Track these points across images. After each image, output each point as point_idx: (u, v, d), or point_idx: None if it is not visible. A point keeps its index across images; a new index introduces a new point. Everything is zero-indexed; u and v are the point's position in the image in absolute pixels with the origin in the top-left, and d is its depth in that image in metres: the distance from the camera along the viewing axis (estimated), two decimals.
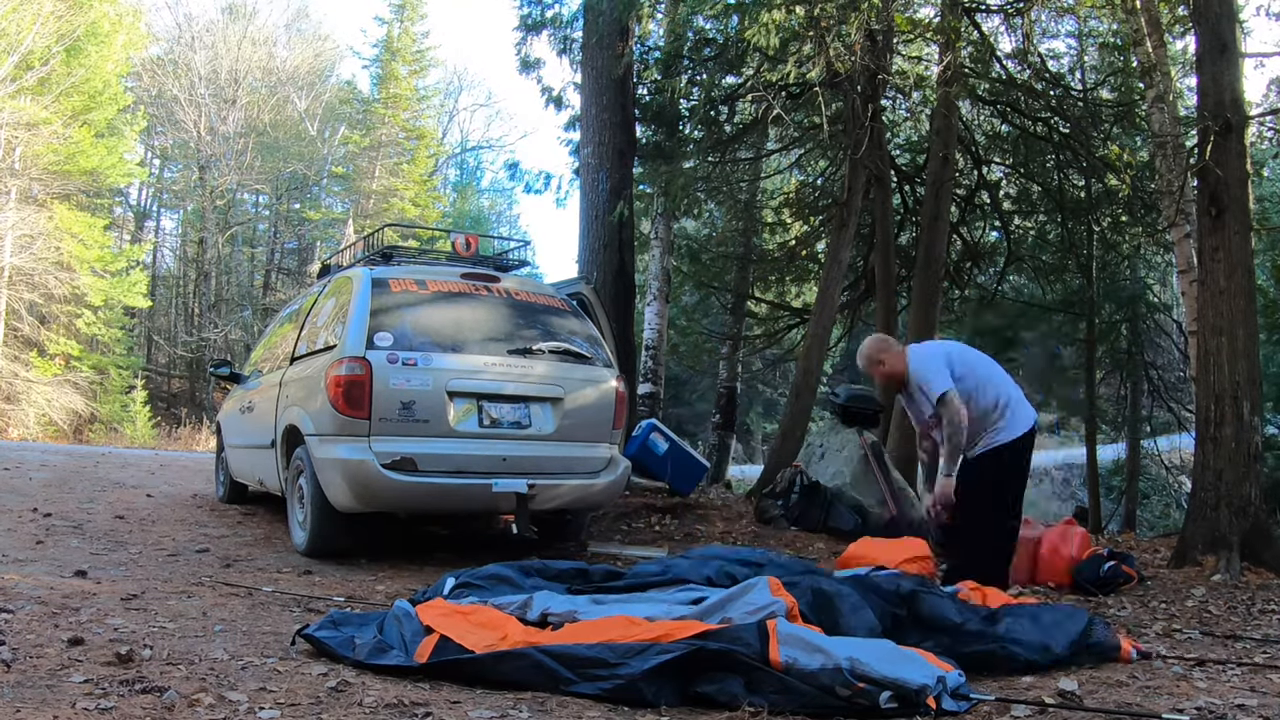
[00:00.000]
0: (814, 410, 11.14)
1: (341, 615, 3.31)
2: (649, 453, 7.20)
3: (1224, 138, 5.32)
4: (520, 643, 2.86)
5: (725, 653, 2.62)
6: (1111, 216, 11.19)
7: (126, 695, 2.40)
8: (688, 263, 13.44)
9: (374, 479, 4.65)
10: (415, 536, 6.00)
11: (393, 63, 28.14)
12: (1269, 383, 9.24)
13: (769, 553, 4.36)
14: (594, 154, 8.62)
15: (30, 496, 6.67)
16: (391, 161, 28.28)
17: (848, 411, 7.27)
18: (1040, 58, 10.11)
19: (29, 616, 3.18)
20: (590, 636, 2.87)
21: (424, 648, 2.88)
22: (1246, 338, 5.31)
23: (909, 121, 12.46)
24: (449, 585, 3.59)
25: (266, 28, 29.85)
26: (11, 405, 18.51)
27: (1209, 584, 4.84)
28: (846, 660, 2.54)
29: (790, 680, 2.54)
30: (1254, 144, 8.30)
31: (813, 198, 12.07)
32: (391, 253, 5.80)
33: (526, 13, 9.45)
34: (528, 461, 5.02)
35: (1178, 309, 12.16)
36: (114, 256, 21.12)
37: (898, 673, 2.53)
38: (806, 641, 2.65)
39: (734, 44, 8.36)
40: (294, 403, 5.28)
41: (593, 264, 8.51)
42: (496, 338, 5.13)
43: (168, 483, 8.53)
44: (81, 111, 19.29)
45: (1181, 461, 14.19)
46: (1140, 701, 2.62)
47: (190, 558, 4.84)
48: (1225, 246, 5.33)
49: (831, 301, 8.87)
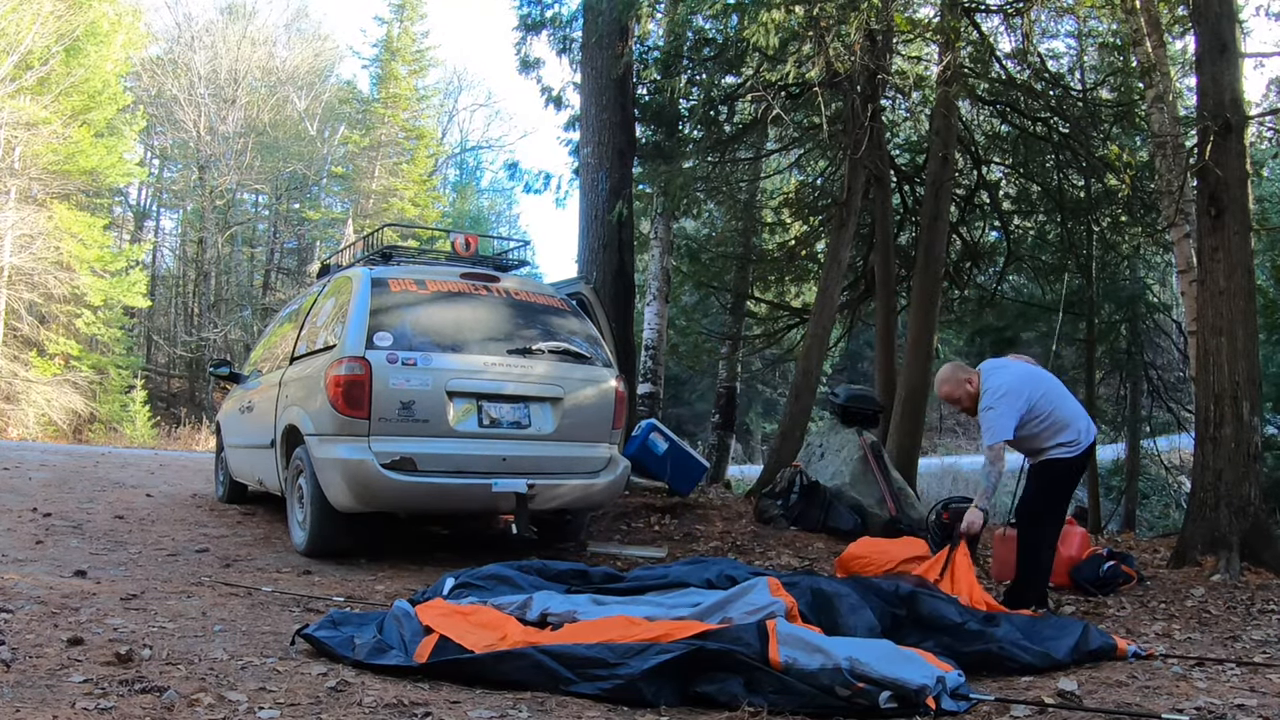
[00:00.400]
0: (814, 410, 11.14)
1: (341, 615, 3.31)
2: (648, 453, 7.19)
3: (1224, 138, 5.33)
4: (520, 643, 2.87)
5: (725, 653, 2.62)
6: (1111, 216, 11.18)
7: (126, 695, 2.40)
8: (687, 263, 13.43)
9: (374, 479, 4.65)
10: (415, 536, 6.00)
11: (392, 63, 28.13)
12: (1269, 383, 9.23)
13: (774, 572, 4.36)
14: (594, 154, 8.62)
15: (30, 496, 6.67)
16: (391, 161, 28.26)
17: (848, 411, 7.26)
18: (1040, 58, 10.10)
19: (29, 616, 3.18)
20: (590, 636, 2.88)
21: (423, 648, 2.88)
22: (1246, 338, 5.32)
23: (909, 121, 12.45)
24: (449, 585, 3.59)
25: (266, 28, 29.88)
26: (11, 405, 18.50)
27: (1209, 584, 4.84)
28: (846, 660, 2.54)
29: (790, 680, 2.54)
30: (1254, 144, 8.30)
31: (812, 198, 12.06)
32: (391, 253, 5.80)
33: (526, 13, 9.45)
34: (527, 461, 5.01)
35: (1177, 309, 12.16)
36: (114, 256, 21.12)
37: (897, 673, 2.53)
38: (806, 641, 2.65)
39: (733, 44, 8.36)
40: (294, 402, 5.28)
41: (592, 264, 8.51)
42: (496, 338, 5.13)
43: (167, 483, 8.53)
44: (81, 111, 19.28)
45: (1181, 461, 14.18)
46: (1140, 701, 2.62)
47: (190, 558, 4.84)
48: (1225, 246, 5.33)
49: (831, 301, 8.87)
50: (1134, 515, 13.03)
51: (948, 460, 25.38)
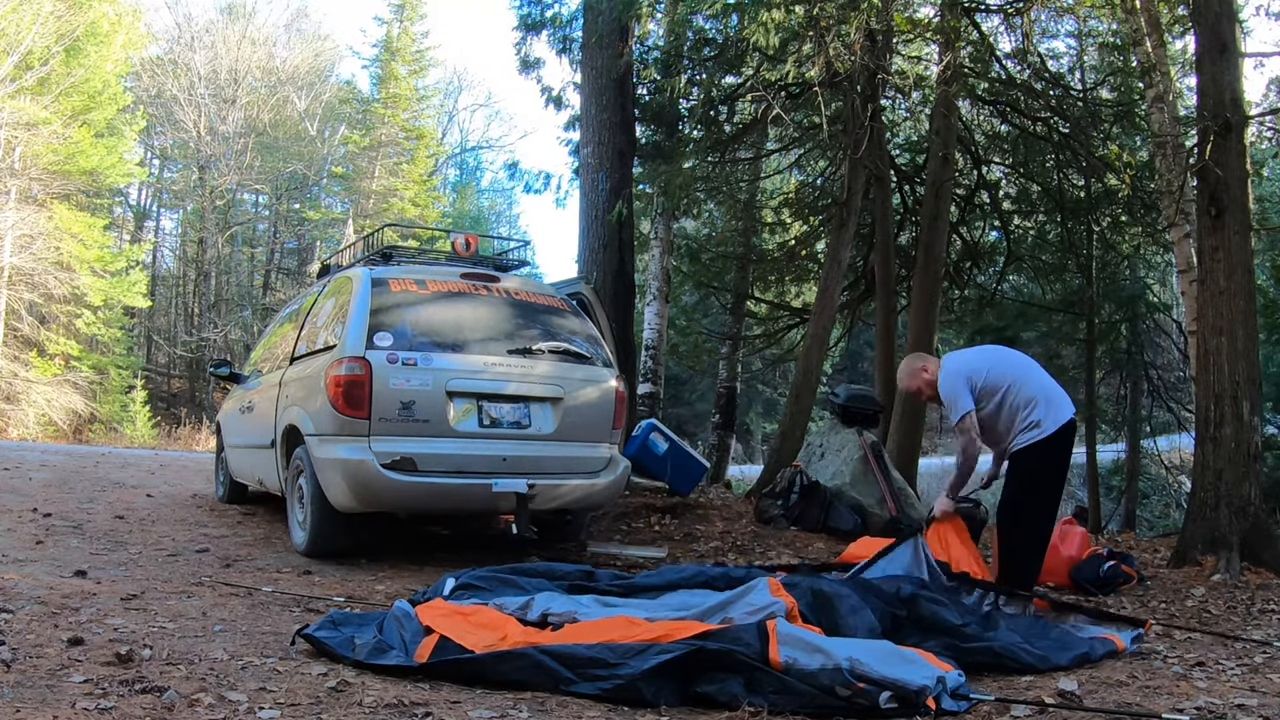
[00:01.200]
0: (814, 410, 11.13)
1: (341, 615, 3.31)
2: (649, 453, 7.19)
3: (1224, 138, 5.33)
4: (520, 643, 2.87)
5: (725, 653, 2.62)
6: (1111, 216, 11.19)
7: (126, 695, 2.40)
8: (687, 263, 13.43)
9: (374, 479, 4.65)
10: (415, 536, 6.00)
11: (392, 63, 28.13)
12: (1269, 383, 9.24)
13: None
14: (594, 154, 8.62)
15: (30, 496, 6.67)
16: (391, 161, 28.27)
17: (848, 411, 7.26)
18: (1040, 58, 10.11)
19: (29, 616, 3.18)
20: (590, 637, 2.87)
21: (424, 648, 2.88)
22: (1246, 338, 5.32)
23: (909, 121, 12.46)
24: (449, 586, 3.59)
25: (266, 28, 29.89)
26: (11, 405, 18.51)
27: (1209, 584, 4.84)
28: (846, 660, 2.54)
29: (790, 680, 2.54)
30: (1254, 144, 8.30)
31: (813, 198, 12.06)
32: (391, 253, 5.79)
33: (526, 13, 9.45)
34: (528, 461, 5.01)
35: (1178, 309, 12.17)
36: (114, 256, 21.12)
37: (897, 673, 2.53)
38: (806, 642, 2.65)
39: (733, 44, 8.36)
40: (294, 402, 5.28)
41: (593, 264, 8.51)
42: (496, 337, 5.13)
43: (167, 483, 8.53)
44: (81, 111, 19.28)
45: (1181, 461, 14.19)
46: (1140, 701, 2.62)
47: (190, 558, 4.84)
48: (1225, 246, 5.33)
49: (831, 301, 8.87)
50: (1134, 515, 13.04)
51: (948, 460, 25.39)
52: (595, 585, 3.73)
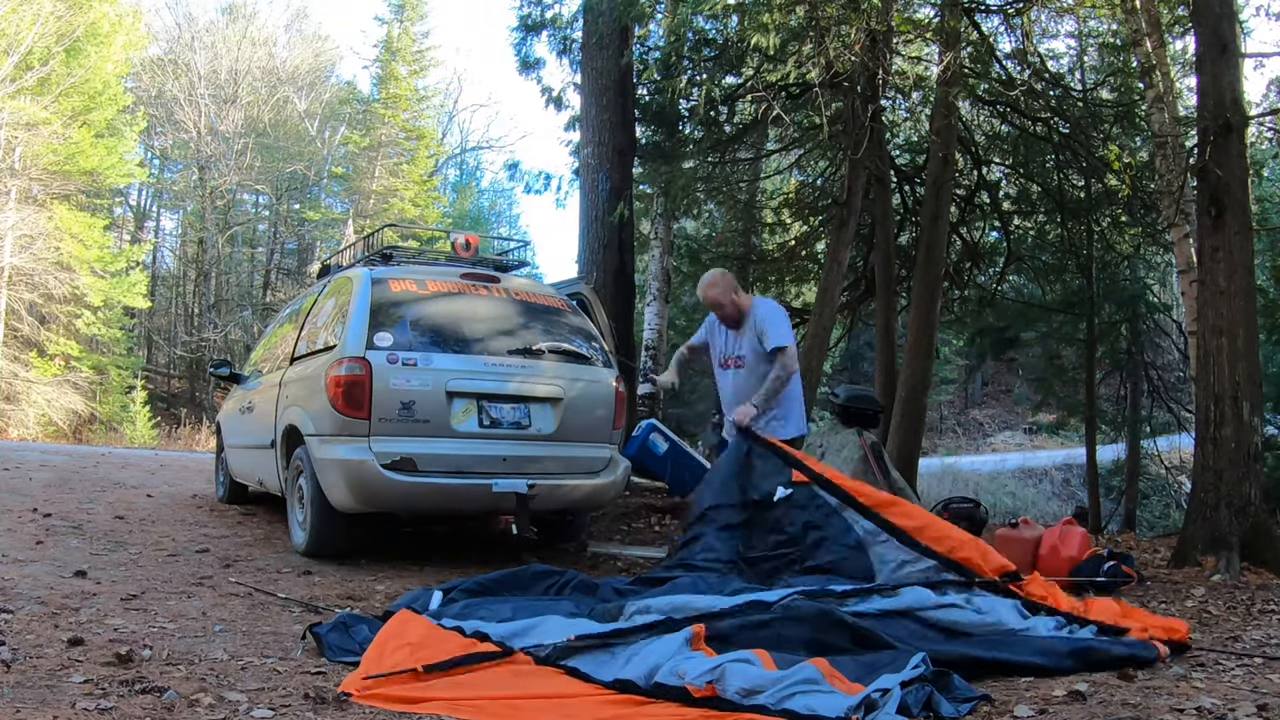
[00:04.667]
0: (814, 410, 11.13)
1: (351, 618, 3.32)
2: (649, 453, 7.19)
3: (1224, 138, 5.32)
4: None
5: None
6: (1111, 217, 11.18)
7: (126, 695, 2.40)
8: (688, 263, 13.41)
9: (374, 479, 4.65)
10: (415, 536, 6.00)
11: (393, 63, 28.13)
12: (1269, 383, 9.23)
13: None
14: (594, 154, 8.62)
15: (30, 496, 6.67)
16: (391, 162, 28.27)
17: (848, 411, 7.24)
18: (1040, 58, 10.10)
19: (29, 616, 3.18)
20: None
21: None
22: (1246, 338, 5.31)
23: (909, 121, 12.43)
24: (437, 600, 3.51)
25: (266, 28, 29.90)
26: (11, 405, 18.51)
27: (1209, 584, 4.84)
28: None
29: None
30: (1254, 144, 8.31)
31: (813, 198, 12.05)
32: (391, 253, 5.79)
33: (526, 13, 9.46)
34: (528, 461, 5.02)
35: (1178, 309, 12.18)
36: (114, 256, 21.12)
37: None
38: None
39: (734, 44, 8.36)
40: (294, 403, 5.28)
41: (593, 264, 8.51)
42: (496, 338, 5.13)
43: (167, 483, 8.53)
44: (81, 112, 19.29)
45: (1181, 461, 14.19)
46: (1140, 701, 2.62)
47: (190, 558, 4.84)
48: (1225, 247, 5.33)
49: (831, 301, 8.87)
50: (1134, 515, 13.04)
51: (948, 460, 25.41)
52: (591, 598, 3.62)
